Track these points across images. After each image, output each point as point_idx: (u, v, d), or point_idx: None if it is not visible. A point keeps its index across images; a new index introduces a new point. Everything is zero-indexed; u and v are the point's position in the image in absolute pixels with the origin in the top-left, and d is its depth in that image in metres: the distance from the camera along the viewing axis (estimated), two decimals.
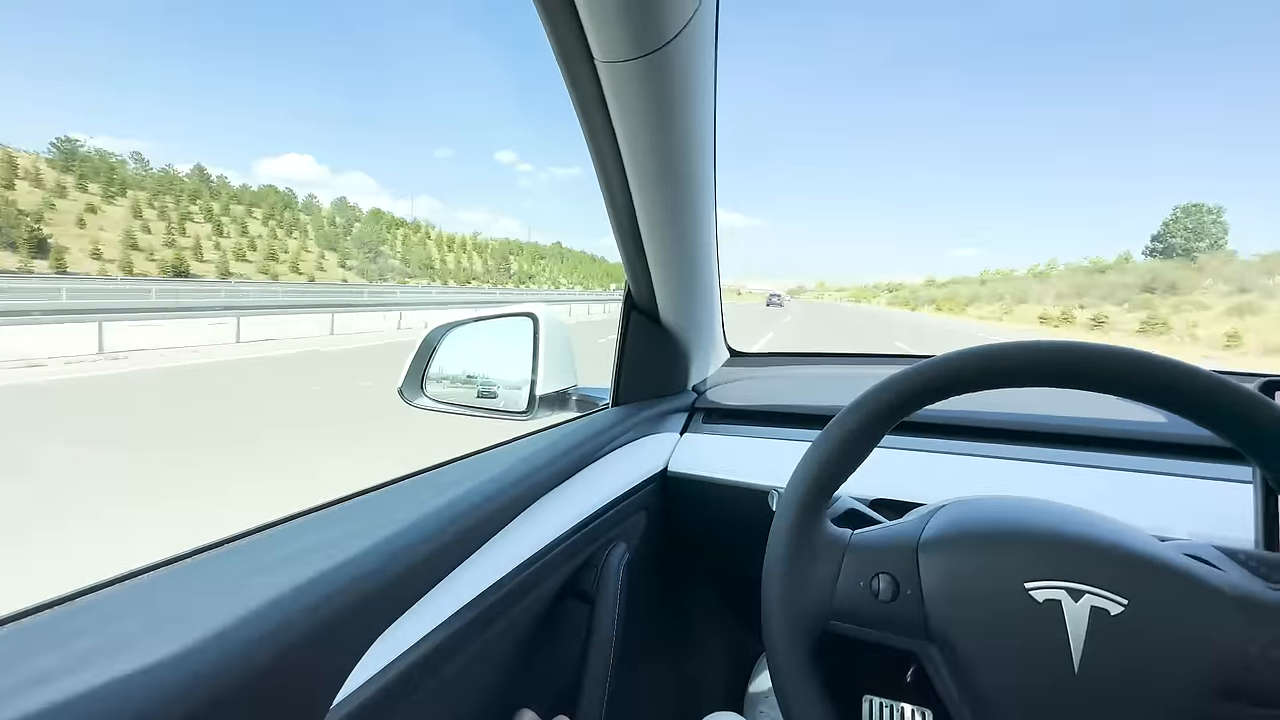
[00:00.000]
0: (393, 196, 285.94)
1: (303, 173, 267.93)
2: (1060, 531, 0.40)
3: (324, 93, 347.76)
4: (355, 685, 0.36)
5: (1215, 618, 0.36)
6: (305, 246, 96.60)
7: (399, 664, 0.40)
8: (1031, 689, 0.38)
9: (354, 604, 0.36)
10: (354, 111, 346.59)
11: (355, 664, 0.36)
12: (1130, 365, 0.38)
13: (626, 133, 0.58)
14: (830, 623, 0.43)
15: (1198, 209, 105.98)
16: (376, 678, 0.38)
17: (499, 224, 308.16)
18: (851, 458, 0.44)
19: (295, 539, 0.42)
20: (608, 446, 0.78)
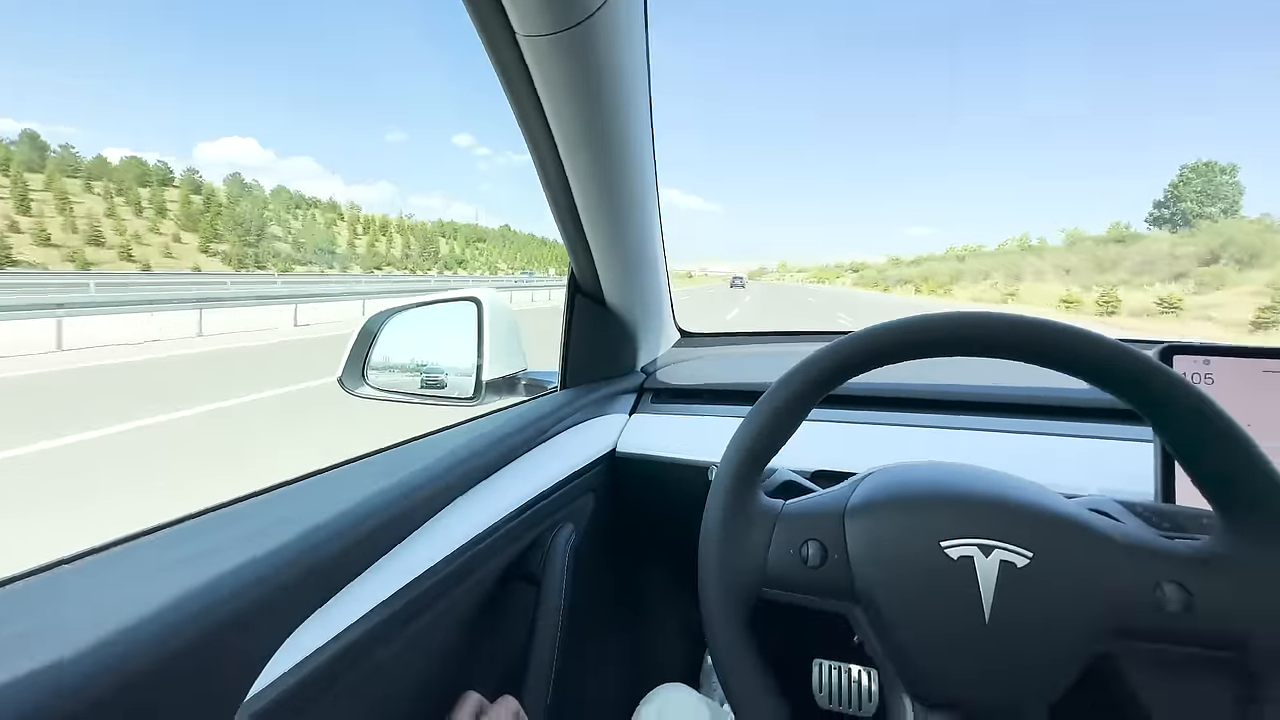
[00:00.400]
0: (344, 182, 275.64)
1: (246, 157, 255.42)
2: (973, 493, 0.42)
3: (266, 71, 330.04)
4: (276, 673, 0.36)
5: (1109, 565, 0.38)
6: (157, 228, 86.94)
7: (326, 650, 0.40)
8: (948, 640, 0.39)
9: (271, 593, 0.36)
10: (300, 91, 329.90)
11: (273, 652, 0.36)
12: (1040, 334, 0.40)
13: (555, 110, 0.57)
14: (763, 590, 0.44)
15: (1209, 168, 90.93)
16: (301, 665, 0.38)
17: (453, 209, 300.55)
18: (782, 430, 0.45)
19: (215, 529, 0.41)
20: (554, 429, 0.78)
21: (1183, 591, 0.37)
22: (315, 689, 0.39)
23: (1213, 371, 0.59)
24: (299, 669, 0.38)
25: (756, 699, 0.43)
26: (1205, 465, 0.38)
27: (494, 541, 0.59)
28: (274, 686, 0.36)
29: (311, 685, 0.38)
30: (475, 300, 0.92)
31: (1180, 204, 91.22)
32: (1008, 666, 0.39)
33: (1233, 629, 0.37)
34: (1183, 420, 0.38)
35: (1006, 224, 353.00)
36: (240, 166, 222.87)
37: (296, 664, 0.37)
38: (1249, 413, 0.58)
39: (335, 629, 0.41)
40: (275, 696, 0.36)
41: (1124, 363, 0.38)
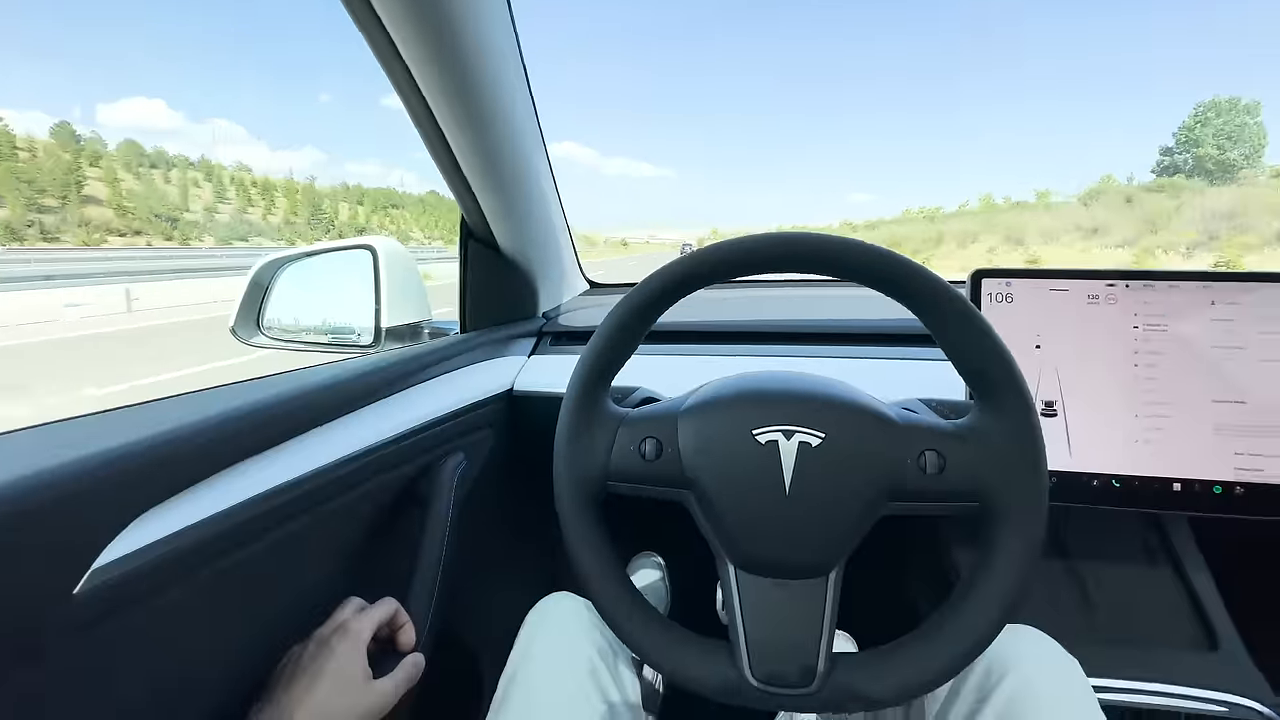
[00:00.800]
0: (270, 148, 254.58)
1: (152, 120, 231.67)
2: (779, 390, 0.49)
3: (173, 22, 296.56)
4: (119, 553, 0.38)
5: (886, 440, 0.46)
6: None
7: (182, 537, 0.42)
8: (758, 511, 0.46)
9: (117, 475, 0.38)
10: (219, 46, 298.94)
11: (117, 533, 0.38)
12: (844, 252, 0.46)
13: (410, 50, 0.59)
14: (608, 483, 0.50)
15: (1231, 105, 75.99)
16: (154, 546, 0.40)
17: (393, 175, 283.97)
18: (625, 345, 0.50)
19: (80, 427, 0.43)
20: (448, 366, 0.81)
21: (939, 457, 0.45)
22: (167, 574, 0.41)
23: (1013, 291, 0.68)
24: (151, 549, 0.40)
25: (606, 574, 0.49)
26: (965, 358, 0.46)
27: (376, 462, 0.62)
28: (119, 564, 0.38)
29: (163, 570, 0.41)
30: (369, 248, 0.93)
31: (1196, 149, 74.45)
32: (807, 530, 0.46)
33: (974, 485, 0.45)
34: (947, 320, 0.45)
35: (958, 187, 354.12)
36: (148, 131, 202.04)
37: (149, 544, 0.40)
38: (1039, 321, 0.68)
39: (189, 520, 0.43)
40: (122, 573, 0.38)
41: (902, 271, 0.45)
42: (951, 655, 0.44)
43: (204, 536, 0.44)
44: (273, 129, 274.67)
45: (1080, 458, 0.67)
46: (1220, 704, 0.65)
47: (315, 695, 0.46)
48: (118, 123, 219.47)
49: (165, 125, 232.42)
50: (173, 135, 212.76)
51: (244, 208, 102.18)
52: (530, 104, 0.82)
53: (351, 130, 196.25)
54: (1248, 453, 0.64)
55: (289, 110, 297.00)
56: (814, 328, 0.94)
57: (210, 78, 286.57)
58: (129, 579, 0.38)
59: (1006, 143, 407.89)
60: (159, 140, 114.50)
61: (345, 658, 0.49)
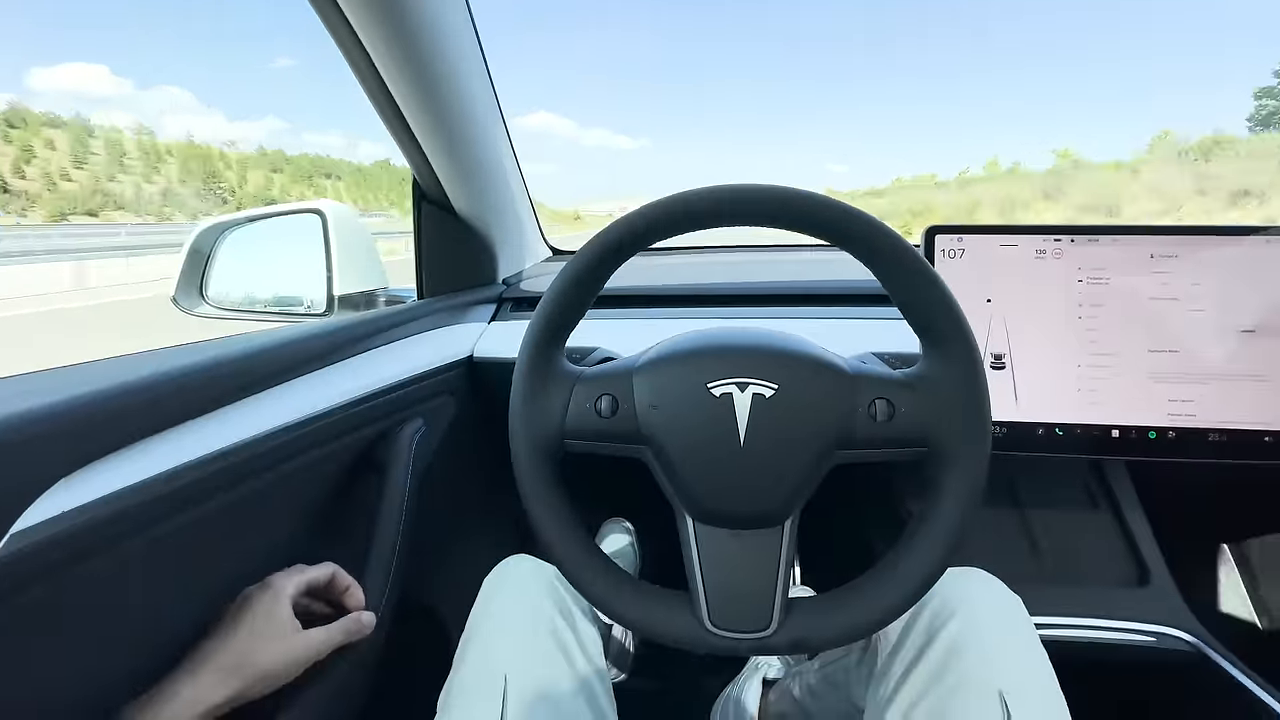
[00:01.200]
0: (227, 118, 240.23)
1: (94, 86, 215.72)
2: (733, 344, 0.49)
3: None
4: (42, 516, 0.37)
5: (838, 389, 0.47)
6: None
7: (114, 501, 0.40)
8: (713, 463, 0.47)
9: (40, 433, 0.36)
10: (161, 8, 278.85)
11: (39, 493, 0.37)
12: (800, 203, 0.45)
13: (356, 12, 0.56)
14: (565, 441, 0.50)
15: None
16: (78, 511, 0.38)
17: (360, 148, 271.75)
18: (578, 302, 0.49)
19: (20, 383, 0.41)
20: (404, 331, 0.79)
21: (889, 405, 0.46)
22: (98, 538, 0.40)
23: (964, 247, 0.70)
24: (81, 511, 0.38)
25: (564, 531, 0.49)
26: (914, 309, 0.46)
27: (330, 427, 0.60)
28: (44, 526, 0.36)
29: (95, 533, 0.39)
30: (318, 212, 0.90)
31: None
32: (760, 481, 0.47)
33: (922, 431, 0.46)
34: (898, 272, 0.45)
35: (952, 154, 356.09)
36: (88, 98, 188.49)
37: (78, 506, 0.38)
38: (989, 277, 0.70)
39: (124, 481, 0.41)
40: (48, 535, 0.36)
41: (854, 222, 0.45)
42: (899, 595, 0.45)
43: (141, 500, 0.42)
44: (226, 98, 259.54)
45: (1026, 408, 0.69)
46: (1150, 634, 0.70)
47: (230, 643, 0.46)
48: (52, 88, 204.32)
49: (107, 92, 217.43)
50: (116, 103, 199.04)
51: (110, 174, 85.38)
52: (483, 64, 0.79)
53: (316, 98, 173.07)
54: (1180, 399, 0.67)
55: (242, 76, 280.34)
56: (770, 290, 0.94)
57: (154, 40, 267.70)
58: (55, 542, 0.37)
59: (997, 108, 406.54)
60: (100, 108, 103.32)
61: (263, 607, 0.49)
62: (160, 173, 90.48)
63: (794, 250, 1.30)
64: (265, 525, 0.56)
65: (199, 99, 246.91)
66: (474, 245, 0.98)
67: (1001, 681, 0.48)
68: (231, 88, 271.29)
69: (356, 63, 0.66)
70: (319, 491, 0.63)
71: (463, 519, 0.98)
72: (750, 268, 1.16)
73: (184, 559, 0.48)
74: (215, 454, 0.48)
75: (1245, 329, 0.67)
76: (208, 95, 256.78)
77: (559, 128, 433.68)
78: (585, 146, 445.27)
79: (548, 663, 0.55)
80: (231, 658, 0.46)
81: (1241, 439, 0.67)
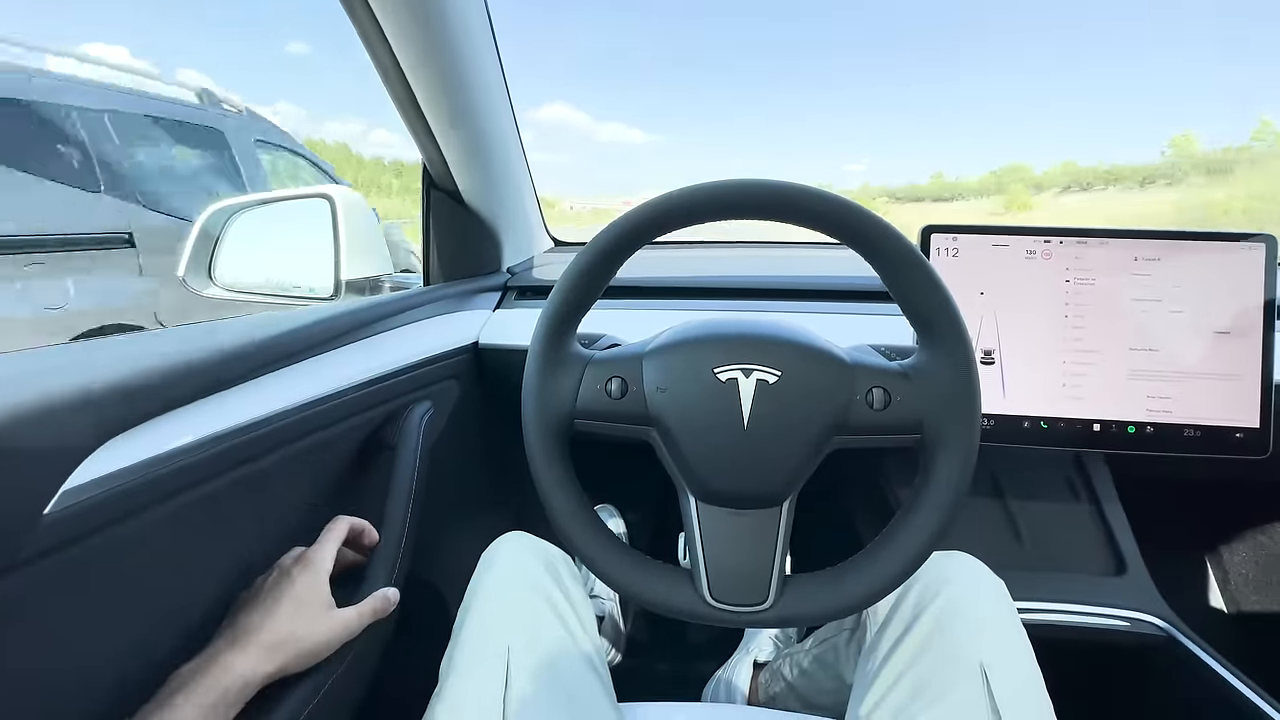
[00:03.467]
0: (242, 102, 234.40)
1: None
2: (740, 331, 0.51)
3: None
4: (89, 477, 0.39)
5: (837, 377, 0.49)
6: None
7: (150, 467, 0.42)
8: (717, 445, 0.49)
9: (82, 401, 0.38)
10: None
11: (85, 455, 0.38)
12: (797, 197, 0.48)
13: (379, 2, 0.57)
14: (575, 422, 0.52)
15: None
16: (118, 475, 0.40)
17: (373, 135, 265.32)
18: (590, 288, 0.51)
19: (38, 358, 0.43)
20: (411, 316, 0.80)
21: (885, 394, 0.49)
22: (136, 500, 0.42)
23: (959, 246, 0.72)
24: (120, 475, 0.40)
25: (573, 507, 0.51)
26: (912, 303, 0.49)
27: (340, 407, 0.62)
28: (90, 486, 0.38)
29: (133, 495, 0.41)
30: (327, 197, 0.91)
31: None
32: (762, 463, 0.49)
33: (915, 419, 0.49)
34: (899, 267, 0.48)
35: (971, 158, 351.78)
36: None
37: (117, 470, 0.40)
38: (982, 275, 0.72)
39: (158, 449, 0.43)
40: (92, 496, 0.38)
41: (860, 219, 0.48)
42: (889, 573, 0.48)
43: (167, 469, 0.44)
44: (241, 82, 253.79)
45: (1013, 401, 0.72)
46: (1125, 619, 0.73)
47: (273, 621, 0.47)
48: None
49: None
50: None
51: None
52: (496, 55, 0.81)
53: (333, 85, 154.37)
54: (1158, 396, 0.71)
55: (254, 60, 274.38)
56: (774, 284, 0.97)
57: (169, 20, 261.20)
58: (99, 503, 0.39)
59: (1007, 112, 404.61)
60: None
61: (304, 586, 0.50)
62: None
63: (798, 247, 1.33)
64: (284, 497, 0.58)
65: (216, 81, 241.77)
66: (480, 232, 1.00)
67: (983, 655, 0.51)
68: (245, 72, 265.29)
69: (376, 51, 0.67)
70: (332, 468, 0.65)
71: (465, 498, 1.00)
72: (755, 263, 1.18)
73: (208, 529, 0.49)
74: (236, 428, 0.50)
75: (1220, 330, 0.70)
76: (225, 77, 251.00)
77: (574, 120, 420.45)
78: (599, 141, 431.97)
79: (546, 633, 0.57)
80: (276, 635, 0.47)
81: (1214, 435, 0.70)
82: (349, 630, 0.52)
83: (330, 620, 0.51)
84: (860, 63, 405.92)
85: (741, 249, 1.37)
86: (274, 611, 0.48)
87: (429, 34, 0.65)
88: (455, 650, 0.55)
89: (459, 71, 0.73)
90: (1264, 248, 0.70)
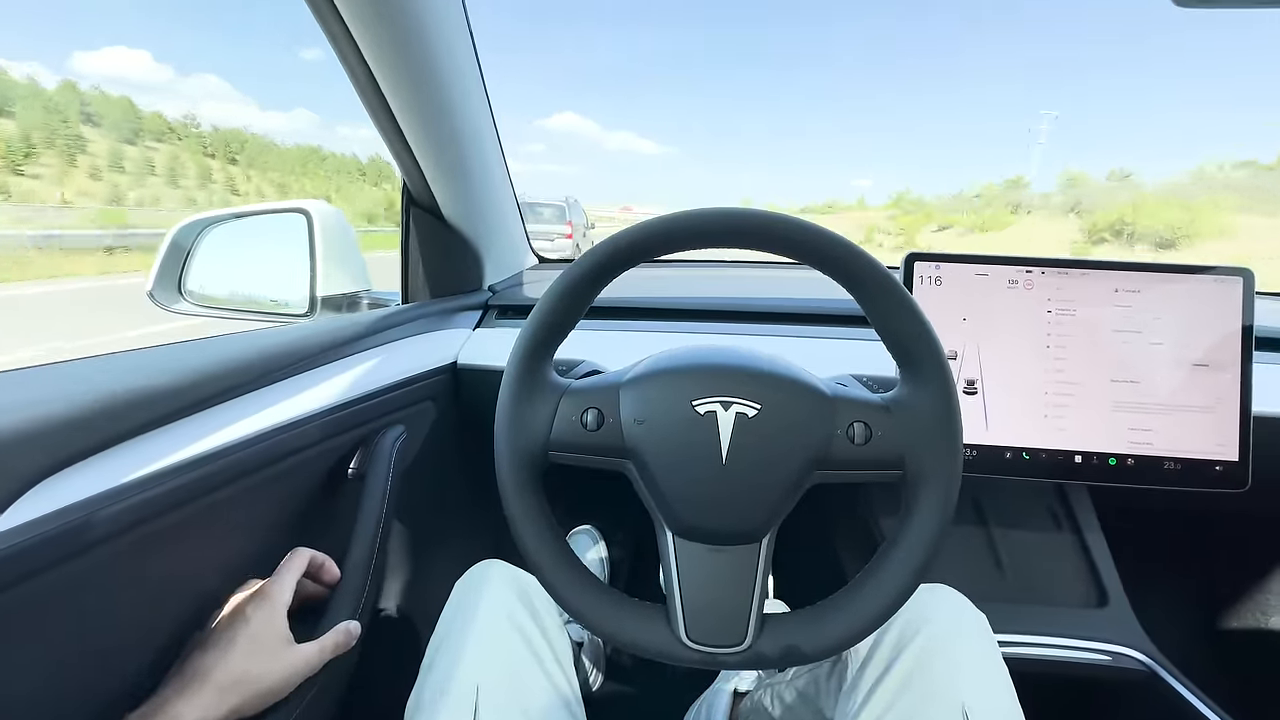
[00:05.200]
0: (260, 108, 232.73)
1: (136, 73, 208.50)
2: (719, 363, 0.50)
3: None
4: (19, 520, 0.36)
5: (817, 412, 0.48)
6: None
7: (91, 505, 0.40)
8: (695, 479, 0.48)
9: (14, 437, 0.36)
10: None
11: (14, 499, 0.36)
12: (775, 227, 0.47)
13: (353, 16, 0.56)
14: (550, 453, 0.50)
15: None
16: (56, 515, 0.38)
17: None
18: (568, 315, 0.50)
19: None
20: (387, 337, 0.78)
21: (866, 428, 0.48)
22: (75, 542, 0.39)
23: (942, 275, 0.72)
24: (58, 516, 0.38)
25: (546, 543, 0.49)
26: (893, 335, 0.48)
27: (311, 432, 0.60)
28: (20, 531, 0.36)
29: (71, 537, 0.38)
30: (303, 211, 0.89)
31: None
32: (740, 498, 0.48)
33: (897, 454, 0.48)
34: (879, 299, 0.47)
35: (959, 173, 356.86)
36: (130, 83, 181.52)
37: (55, 510, 0.38)
38: (964, 304, 0.72)
39: (100, 486, 0.41)
40: (23, 541, 0.36)
41: (840, 251, 0.47)
42: (871, 613, 0.47)
43: (116, 506, 0.41)
44: (258, 88, 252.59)
45: (996, 432, 0.72)
46: (1106, 654, 0.72)
47: (226, 661, 0.45)
48: (96, 71, 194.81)
49: (149, 79, 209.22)
50: (160, 90, 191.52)
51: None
52: (478, 71, 0.80)
53: (343, 91, 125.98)
54: (1139, 428, 0.70)
55: (271, 67, 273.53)
56: (756, 307, 0.96)
57: (187, 25, 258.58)
58: (31, 546, 0.36)
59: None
60: (144, 94, 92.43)
61: (260, 622, 0.48)
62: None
63: (779, 269, 1.33)
64: (244, 531, 0.56)
65: (235, 87, 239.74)
66: (460, 250, 0.99)
67: (965, 696, 0.50)
68: (262, 78, 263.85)
69: (350, 64, 0.66)
70: (298, 497, 0.62)
71: (441, 525, 0.98)
72: (738, 283, 1.18)
73: (161, 566, 0.47)
74: (194, 459, 0.48)
75: (1199, 363, 0.70)
76: (244, 84, 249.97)
77: (582, 128, 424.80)
78: (608, 149, 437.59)
79: (519, 671, 0.55)
80: (230, 675, 0.44)
81: (1194, 468, 0.70)
82: (310, 666, 0.50)
83: (289, 657, 0.49)
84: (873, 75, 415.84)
85: (723, 269, 1.36)
86: (228, 651, 0.46)
87: (405, 47, 0.64)
88: (424, 687, 0.53)
89: (438, 87, 0.72)
90: (1241, 281, 0.71)
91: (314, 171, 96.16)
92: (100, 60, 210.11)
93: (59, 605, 0.39)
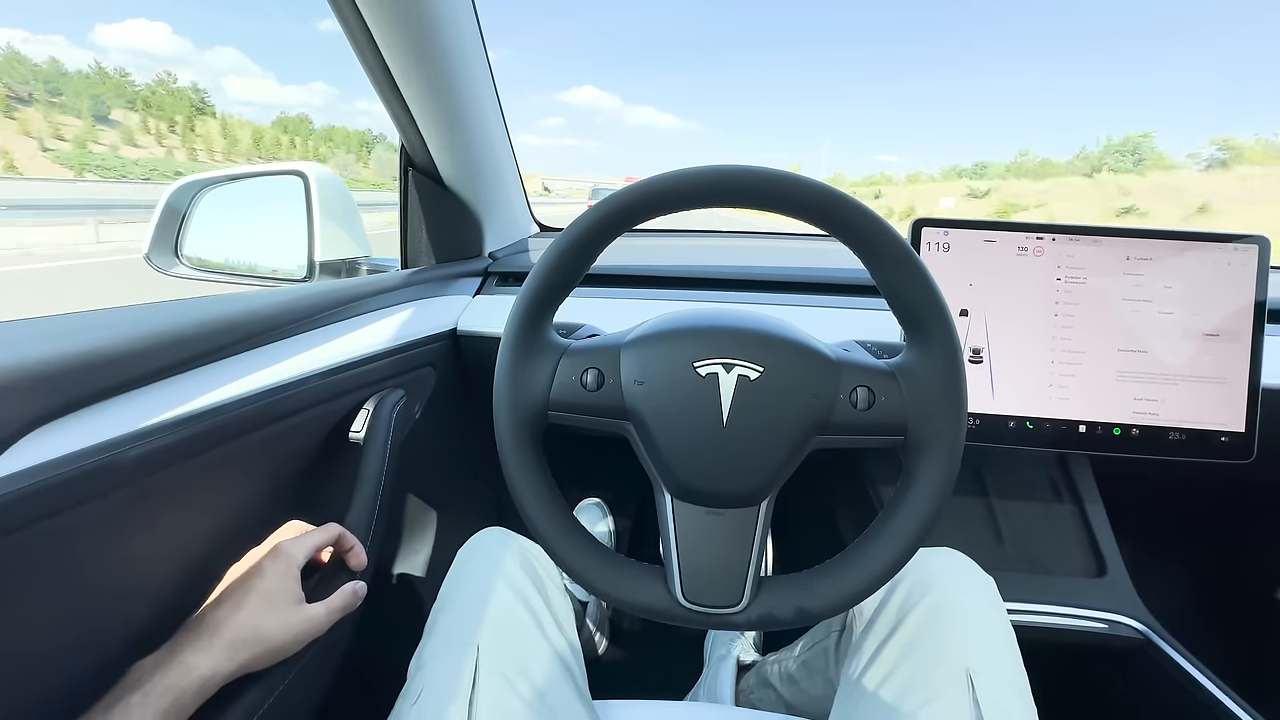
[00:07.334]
0: (279, 81, 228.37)
1: (155, 44, 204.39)
2: (721, 325, 0.49)
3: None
4: (18, 466, 0.36)
5: (818, 375, 0.47)
6: None
7: (92, 454, 0.40)
8: (695, 442, 0.47)
9: (19, 376, 0.36)
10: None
11: (17, 439, 0.36)
12: (781, 185, 0.45)
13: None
14: (549, 414, 0.50)
15: None
16: (56, 463, 0.38)
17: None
18: (568, 275, 0.49)
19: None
20: (386, 302, 0.78)
21: (869, 393, 0.47)
22: (78, 490, 0.39)
23: (950, 240, 0.71)
24: (58, 464, 0.38)
25: (544, 502, 0.49)
26: (900, 298, 0.47)
27: (309, 394, 0.60)
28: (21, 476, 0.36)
29: (75, 484, 0.39)
30: (300, 174, 0.87)
31: None
32: (740, 462, 0.47)
33: (900, 420, 0.47)
34: (887, 261, 0.46)
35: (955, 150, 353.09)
36: (150, 55, 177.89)
37: (55, 458, 0.38)
38: (972, 271, 0.71)
39: (101, 436, 0.41)
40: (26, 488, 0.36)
41: (848, 210, 0.45)
42: (866, 578, 0.46)
43: (109, 457, 0.41)
44: (278, 61, 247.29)
45: (1001, 401, 0.71)
46: (1104, 622, 0.73)
47: (241, 613, 0.45)
48: (116, 43, 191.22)
49: (169, 51, 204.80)
50: (179, 62, 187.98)
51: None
52: (479, 35, 0.77)
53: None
54: (1145, 398, 0.70)
55: (287, 38, 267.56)
56: (762, 275, 0.95)
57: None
58: (25, 496, 0.36)
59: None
60: (165, 66, 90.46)
61: (274, 578, 0.48)
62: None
63: (785, 238, 1.31)
64: (242, 489, 0.56)
65: (253, 60, 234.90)
66: (461, 216, 0.97)
67: (969, 659, 0.50)
68: (280, 50, 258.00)
69: (349, 22, 0.64)
70: (298, 458, 0.62)
71: (441, 491, 0.98)
72: (741, 253, 1.16)
73: (159, 520, 0.47)
74: (188, 415, 0.48)
75: (1209, 333, 0.69)
76: (263, 58, 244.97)
77: (603, 103, 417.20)
78: (630, 124, 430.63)
79: (520, 634, 0.55)
80: (244, 631, 0.45)
81: (1200, 438, 0.70)
82: (318, 627, 0.50)
83: (298, 616, 0.49)
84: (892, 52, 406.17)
85: (727, 238, 1.35)
86: (241, 605, 0.46)
87: (405, 6, 0.62)
88: (425, 648, 0.54)
89: (437, 48, 0.70)
90: (1256, 249, 0.69)
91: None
92: (123, 32, 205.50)
93: (57, 554, 0.39)
